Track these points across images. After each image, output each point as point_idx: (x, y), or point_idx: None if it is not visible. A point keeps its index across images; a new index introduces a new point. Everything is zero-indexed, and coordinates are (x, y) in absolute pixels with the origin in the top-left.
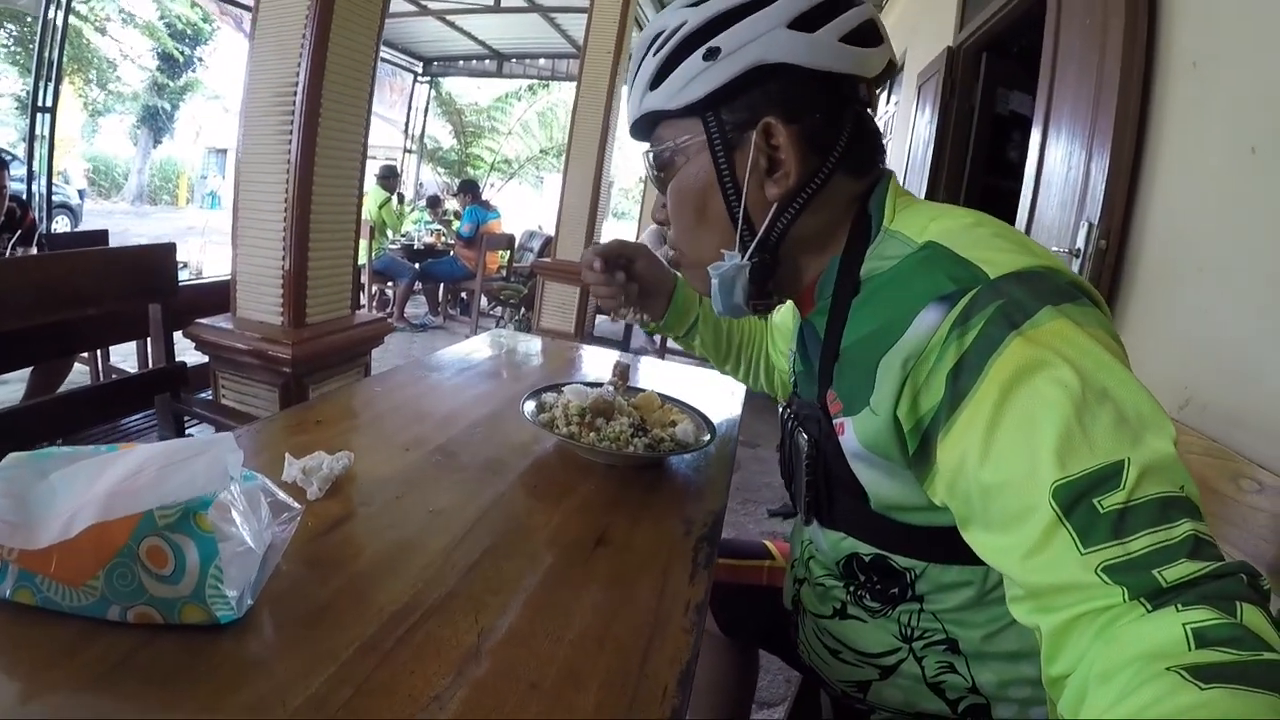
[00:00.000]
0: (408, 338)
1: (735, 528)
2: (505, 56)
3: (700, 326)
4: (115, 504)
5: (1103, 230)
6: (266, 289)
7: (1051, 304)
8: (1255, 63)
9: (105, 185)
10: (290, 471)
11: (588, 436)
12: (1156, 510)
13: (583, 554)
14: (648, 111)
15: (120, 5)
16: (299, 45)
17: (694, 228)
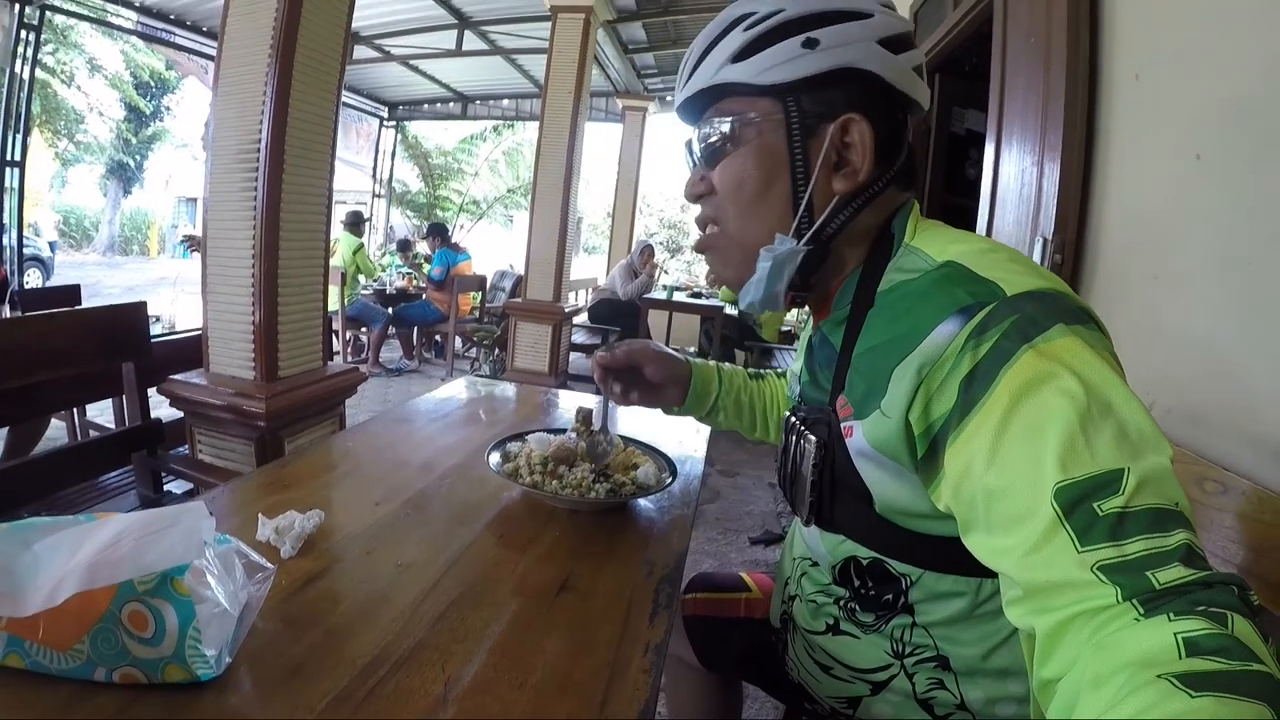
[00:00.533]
0: (383, 383)
1: (717, 556)
2: (469, 98)
3: (723, 402)
4: (97, 574)
5: (1057, 244)
6: (237, 343)
7: (1064, 323)
8: (1195, 72)
9: (76, 237)
10: (264, 531)
11: (551, 485)
12: (1153, 519)
13: (547, 600)
14: (723, 83)
15: (87, 56)
16: (260, 102)
17: (752, 205)
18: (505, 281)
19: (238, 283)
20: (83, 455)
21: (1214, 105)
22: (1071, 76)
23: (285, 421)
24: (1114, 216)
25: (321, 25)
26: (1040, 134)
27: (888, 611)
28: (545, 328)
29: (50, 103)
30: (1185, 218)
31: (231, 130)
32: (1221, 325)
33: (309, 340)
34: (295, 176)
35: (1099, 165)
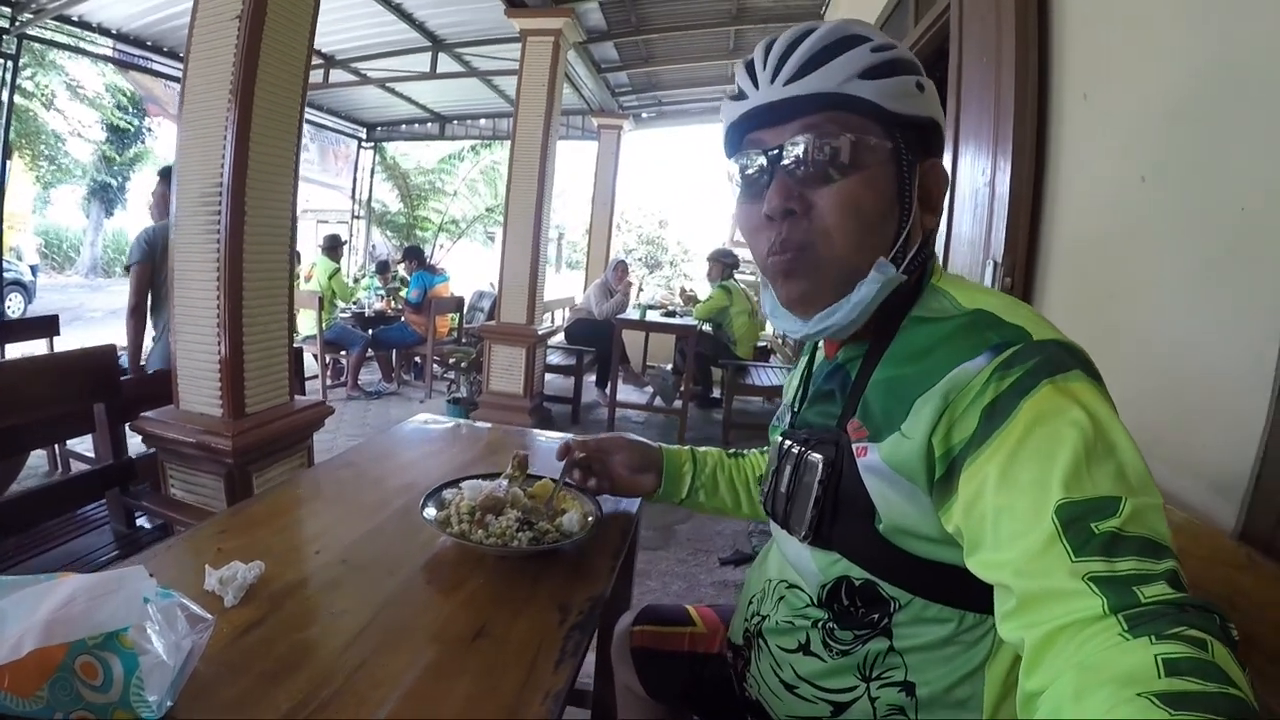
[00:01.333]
0: (362, 406)
1: (686, 578)
2: (446, 118)
3: (701, 483)
4: (54, 631)
5: (1007, 266)
6: (205, 381)
7: (1083, 370)
8: (1139, 93)
9: (58, 259)
10: (210, 581)
11: (477, 533)
12: (1143, 545)
13: (462, 647)
14: (848, 95)
15: (67, 78)
16: (221, 146)
17: (866, 229)
18: (484, 302)
19: (203, 321)
20: (57, 494)
21: (1158, 122)
22: (1020, 97)
23: (253, 457)
24: (1064, 238)
25: (280, 70)
26: (992, 156)
27: (868, 632)
28: (519, 350)
29: (30, 125)
30: (1134, 239)
31: (195, 173)
32: (1165, 350)
33: (275, 376)
34: (257, 217)
35: (1050, 186)
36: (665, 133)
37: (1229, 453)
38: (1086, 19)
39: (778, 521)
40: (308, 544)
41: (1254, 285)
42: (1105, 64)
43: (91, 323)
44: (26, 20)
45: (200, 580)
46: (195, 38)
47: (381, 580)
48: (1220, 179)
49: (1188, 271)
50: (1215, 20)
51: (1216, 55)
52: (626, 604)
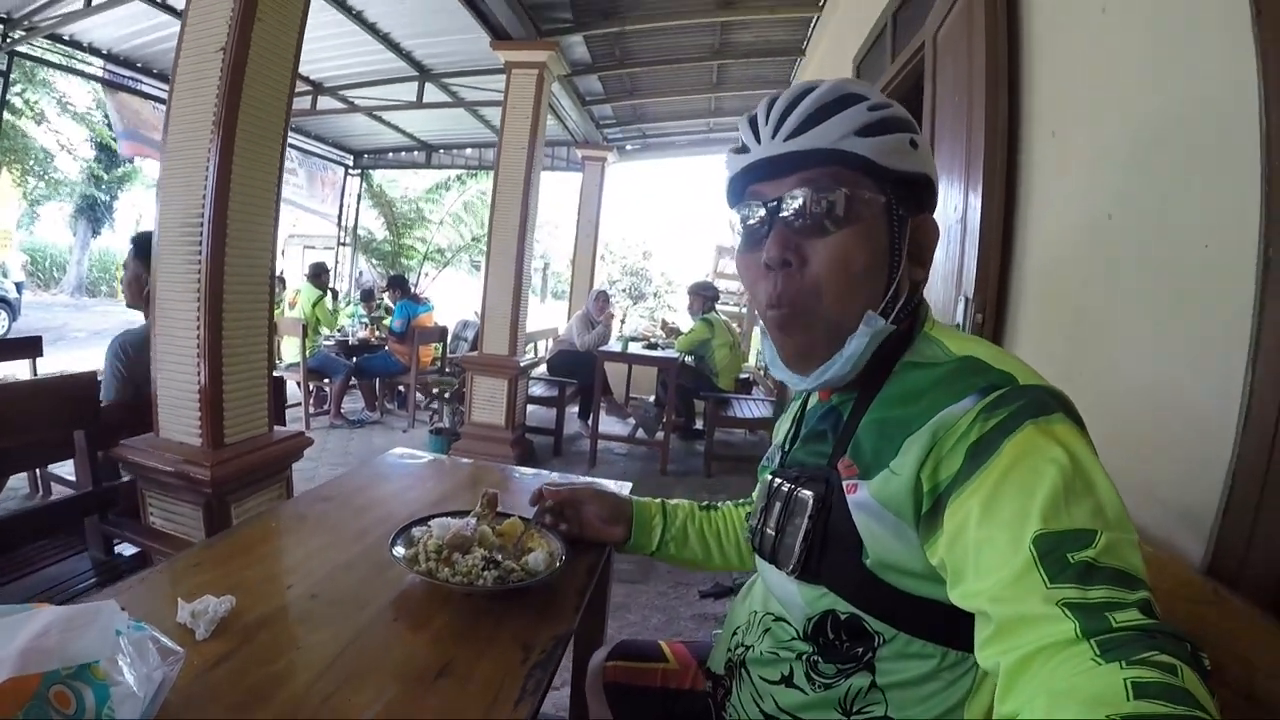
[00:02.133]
0: (345, 435)
1: (666, 611)
2: (433, 147)
3: (671, 535)
4: (29, 660)
5: (978, 304)
6: (184, 410)
7: (1065, 414)
8: (1105, 131)
9: (44, 277)
10: (182, 614)
11: (443, 571)
12: (1117, 575)
13: (425, 685)
14: (844, 151)
15: (57, 95)
16: (203, 178)
17: (857, 281)
18: (468, 331)
19: (183, 351)
20: (36, 520)
21: (1124, 160)
22: (991, 133)
23: (232, 488)
24: (1033, 274)
25: (263, 102)
26: (964, 191)
27: (851, 665)
28: (501, 382)
29: (18, 142)
30: (1099, 277)
31: (176, 203)
32: (1132, 386)
33: (255, 407)
34: (238, 248)
35: (1020, 222)
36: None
37: (1197, 486)
38: (1054, 60)
39: (765, 557)
40: (280, 578)
41: (1217, 320)
42: (1072, 103)
43: (75, 343)
44: (18, 38)
45: (173, 613)
46: (180, 68)
47: (351, 615)
48: (1184, 216)
49: (1154, 307)
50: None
51: (1178, 96)
52: (601, 640)
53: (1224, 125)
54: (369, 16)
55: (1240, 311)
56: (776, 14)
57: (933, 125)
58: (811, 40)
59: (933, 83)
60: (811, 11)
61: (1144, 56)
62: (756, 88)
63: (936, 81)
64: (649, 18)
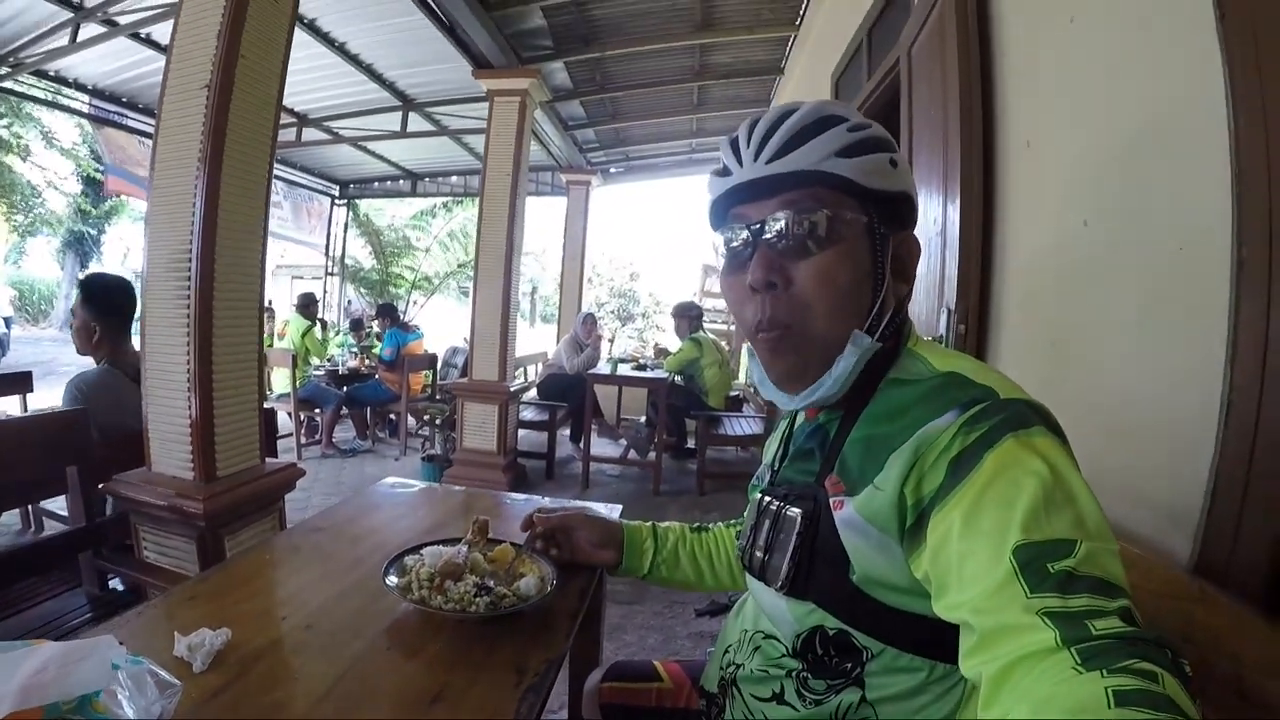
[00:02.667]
0: (337, 464)
1: (663, 631)
2: (418, 176)
3: (662, 558)
4: (29, 696)
5: (960, 314)
6: (176, 444)
7: (1046, 427)
8: (1078, 139)
9: (32, 311)
10: (179, 648)
11: (436, 599)
12: (1097, 584)
13: (419, 711)
14: (825, 173)
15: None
16: (190, 211)
17: (842, 300)
18: (458, 358)
19: (174, 384)
20: (29, 556)
21: (1097, 167)
22: (967, 144)
23: (225, 520)
24: (1013, 283)
25: (248, 137)
26: (943, 203)
27: (841, 681)
28: (492, 407)
29: (5, 177)
30: (1075, 284)
31: (164, 237)
32: (1115, 391)
33: (246, 439)
34: (226, 281)
35: (999, 232)
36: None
37: (1181, 486)
38: (1026, 71)
39: (754, 574)
40: (275, 609)
41: (1194, 319)
42: (1045, 113)
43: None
44: (3, 74)
45: (170, 646)
46: (165, 105)
47: (345, 645)
48: (1158, 220)
49: (1132, 310)
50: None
51: (1147, 101)
52: (597, 662)
53: (1194, 128)
54: (352, 49)
55: (1217, 312)
56: (755, 34)
57: (910, 139)
58: (790, 59)
59: (909, 97)
60: (789, 31)
61: (1113, 64)
62: (737, 108)
63: (913, 96)
64: (628, 42)
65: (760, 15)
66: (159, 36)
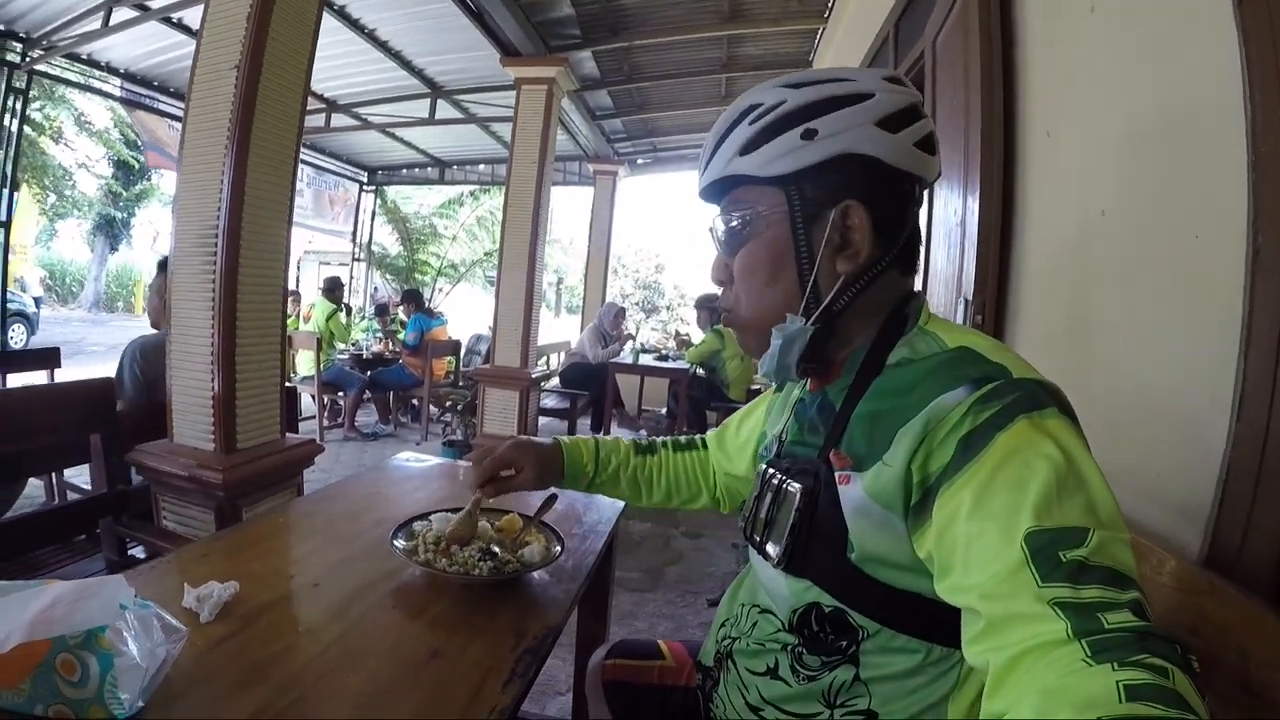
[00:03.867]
0: (359, 447)
1: (674, 619)
2: (446, 163)
3: (602, 477)
4: (37, 629)
5: (977, 305)
6: (198, 416)
7: (1059, 409)
8: (1097, 128)
9: (62, 292)
10: (188, 598)
11: (441, 562)
12: (1109, 575)
13: (417, 666)
14: (733, 174)
15: (75, 113)
16: (218, 190)
17: (763, 289)
18: (481, 345)
19: (198, 358)
20: (53, 520)
21: (1116, 156)
22: (987, 135)
23: (243, 491)
24: (1030, 273)
25: (275, 118)
26: (963, 194)
27: (835, 659)
28: (513, 393)
29: (37, 159)
30: (1093, 273)
31: (192, 215)
32: (1128, 383)
33: (267, 413)
34: (251, 259)
35: (1018, 222)
36: (661, 178)
37: (1192, 479)
38: (1047, 61)
39: (754, 547)
40: (284, 569)
41: (1209, 309)
42: (1065, 103)
43: (93, 356)
44: (37, 56)
45: (179, 597)
46: (195, 86)
47: (350, 603)
48: (1175, 209)
49: (1147, 300)
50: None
51: (1165, 89)
52: (603, 640)
53: (1211, 115)
54: (381, 35)
55: (1231, 301)
56: (783, 26)
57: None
58: (818, 52)
59: (933, 88)
60: (817, 23)
61: (1131, 52)
62: None
63: (936, 87)
64: (656, 32)
65: (788, 7)
66: (190, 20)
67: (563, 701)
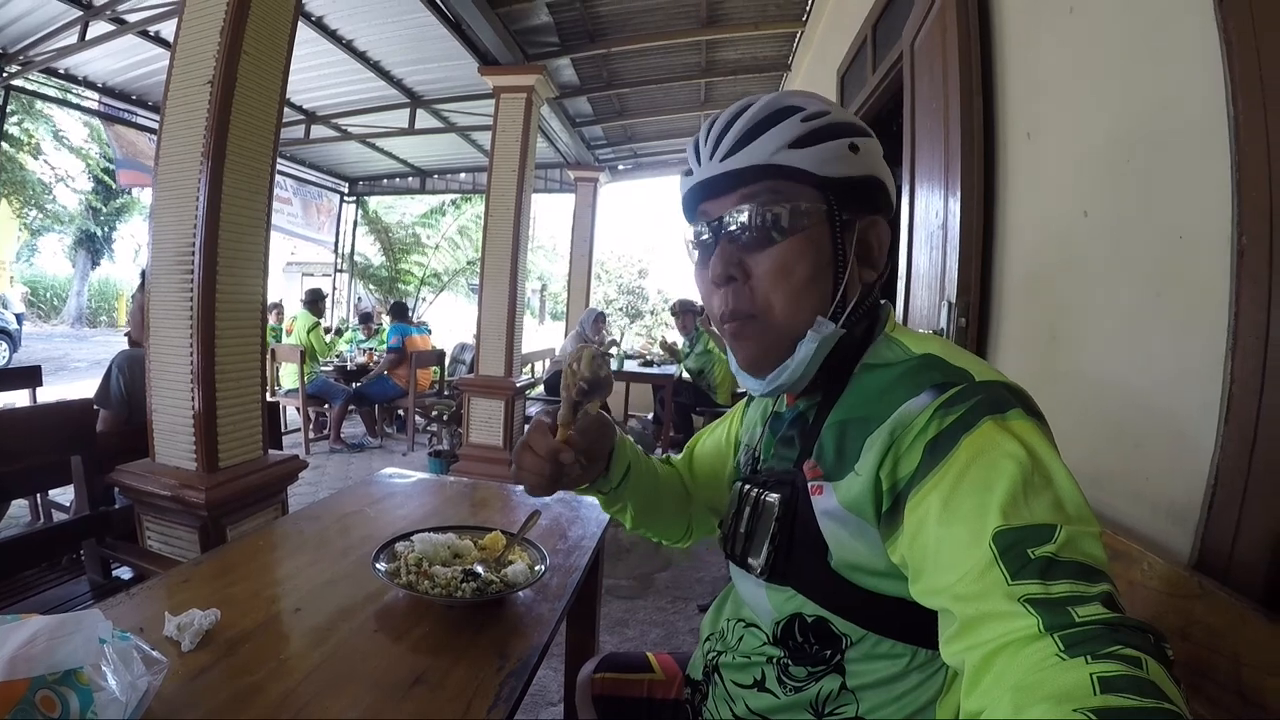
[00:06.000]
0: (345, 459)
1: (665, 626)
2: (427, 173)
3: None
4: (17, 667)
5: (961, 308)
6: (179, 435)
7: (1023, 409)
8: (1078, 130)
9: (44, 308)
10: (169, 627)
11: (423, 584)
12: (1078, 569)
13: (400, 692)
14: (779, 165)
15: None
16: (194, 209)
17: (800, 292)
18: (466, 354)
19: (178, 377)
20: (35, 544)
21: (1097, 157)
22: (967, 137)
23: (227, 510)
24: (1015, 276)
25: (251, 133)
26: (944, 196)
27: (821, 669)
28: (498, 403)
29: (16, 175)
30: (1076, 275)
31: (169, 233)
32: (1114, 385)
33: (249, 431)
34: (229, 275)
35: (999, 224)
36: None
37: (1181, 481)
38: (1026, 62)
39: (735, 562)
40: (266, 592)
41: (1195, 311)
42: (1046, 104)
43: (76, 373)
44: (14, 71)
45: (161, 625)
46: (169, 101)
47: (333, 628)
48: (1158, 209)
49: (1131, 301)
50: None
51: (1147, 89)
52: (592, 653)
53: (1194, 115)
54: (359, 45)
55: (1217, 301)
56: (761, 30)
57: (913, 133)
58: (796, 55)
59: (911, 91)
60: (795, 27)
61: (1113, 53)
62: None
63: (915, 90)
64: (635, 39)
65: (766, 11)
66: (167, 34)
67: (554, 712)
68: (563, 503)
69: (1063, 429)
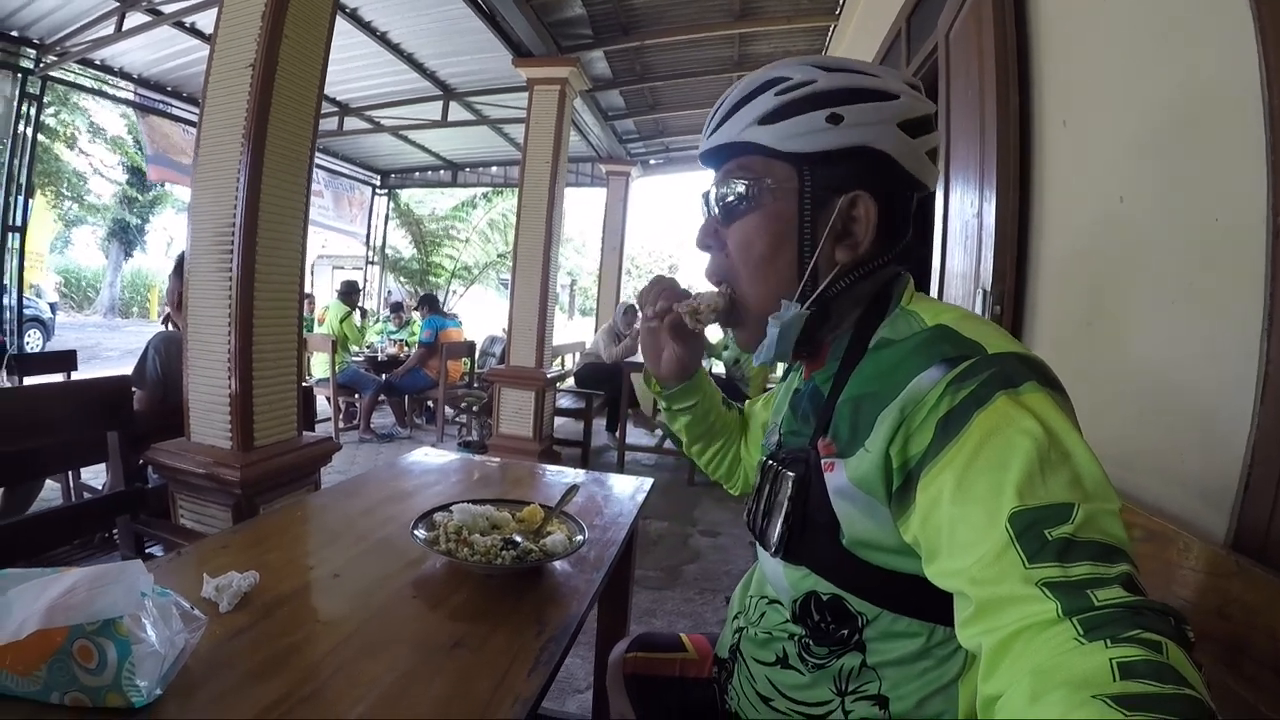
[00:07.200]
0: (374, 449)
1: (693, 617)
2: (459, 166)
3: (701, 403)
4: (55, 616)
5: (996, 295)
6: (215, 414)
7: (1038, 382)
8: (1114, 115)
9: (77, 298)
10: (207, 589)
11: (463, 551)
12: (1097, 550)
13: (439, 654)
14: (746, 141)
15: (89, 118)
16: (234, 190)
17: (760, 267)
18: (496, 347)
19: (215, 357)
20: (70, 518)
21: (1133, 143)
22: (1003, 127)
23: (261, 488)
24: (1048, 263)
25: (291, 116)
26: (979, 187)
27: (841, 647)
28: (529, 394)
29: (51, 165)
30: (1110, 262)
31: (208, 215)
32: (1149, 369)
33: (284, 411)
34: (268, 257)
35: (1035, 213)
36: (674, 178)
37: (1217, 462)
38: (1062, 50)
39: (757, 537)
40: (303, 560)
41: (1230, 293)
42: (1081, 91)
43: (108, 361)
44: (51, 62)
45: (199, 588)
46: (211, 84)
47: (370, 594)
48: (1193, 192)
49: (1167, 285)
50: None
51: (1182, 74)
52: (623, 635)
53: (1228, 98)
54: (393, 38)
55: (1253, 284)
56: (794, 24)
57: (948, 124)
58: (829, 49)
59: (947, 83)
60: (828, 21)
61: (1148, 38)
62: None
63: (950, 81)
64: (668, 31)
65: (799, 5)
66: (203, 25)
67: (582, 699)
68: (597, 482)
69: (1098, 410)
